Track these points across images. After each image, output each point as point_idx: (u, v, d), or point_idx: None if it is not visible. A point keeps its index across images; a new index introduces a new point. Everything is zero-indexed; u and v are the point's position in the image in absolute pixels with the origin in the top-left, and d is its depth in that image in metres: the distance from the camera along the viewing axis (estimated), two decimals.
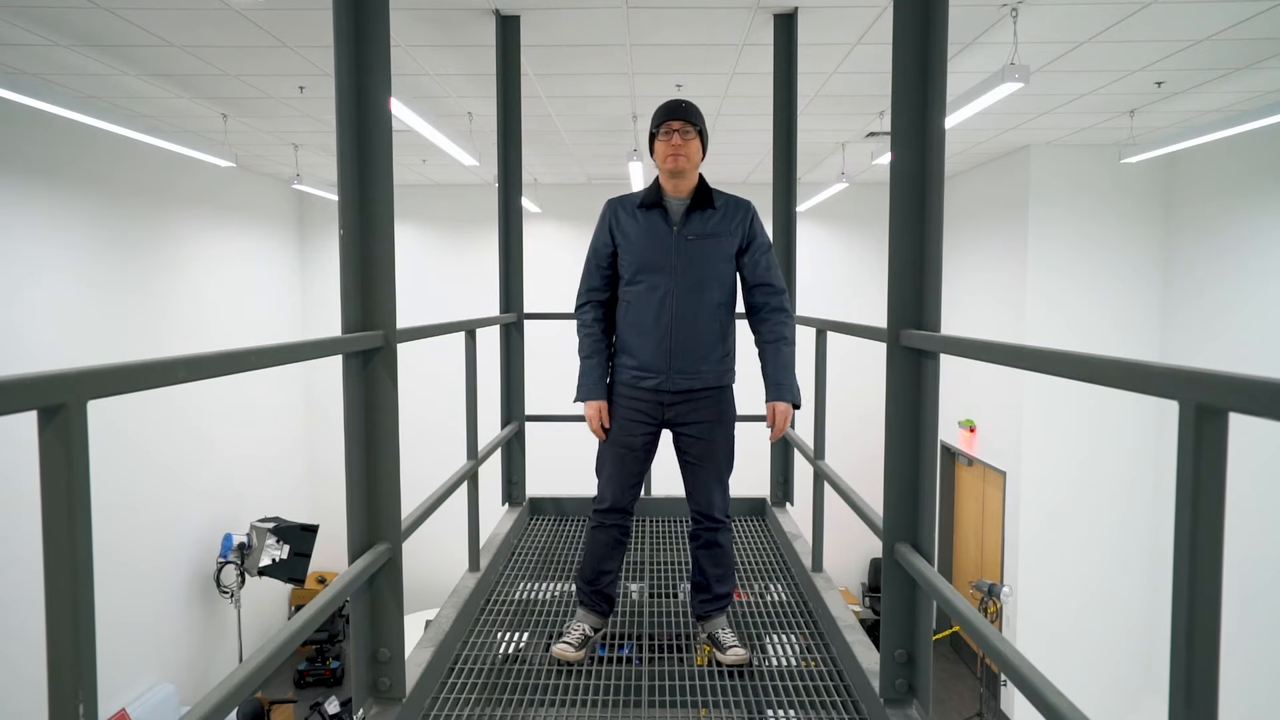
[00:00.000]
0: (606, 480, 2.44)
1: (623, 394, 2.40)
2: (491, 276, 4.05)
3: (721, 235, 2.33)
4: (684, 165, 2.29)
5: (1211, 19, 3.82)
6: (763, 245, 2.38)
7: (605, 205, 2.44)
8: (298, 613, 1.45)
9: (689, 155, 2.29)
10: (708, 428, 2.36)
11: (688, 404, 2.35)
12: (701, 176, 2.39)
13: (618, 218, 2.39)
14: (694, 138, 2.29)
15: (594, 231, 2.44)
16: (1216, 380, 0.79)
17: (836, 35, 4.12)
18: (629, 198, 2.42)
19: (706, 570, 2.44)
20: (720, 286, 2.33)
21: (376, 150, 1.81)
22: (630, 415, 2.38)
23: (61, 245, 5.63)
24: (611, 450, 2.41)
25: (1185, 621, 0.83)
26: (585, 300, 2.45)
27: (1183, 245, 6.61)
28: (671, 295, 2.30)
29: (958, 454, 8.50)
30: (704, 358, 2.33)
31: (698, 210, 2.34)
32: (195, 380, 1.09)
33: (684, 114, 2.29)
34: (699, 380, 2.33)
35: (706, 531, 2.42)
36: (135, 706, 6.18)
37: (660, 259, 2.31)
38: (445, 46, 4.30)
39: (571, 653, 2.37)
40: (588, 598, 2.49)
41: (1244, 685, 5.55)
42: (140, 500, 6.34)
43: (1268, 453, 5.42)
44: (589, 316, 2.43)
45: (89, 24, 3.85)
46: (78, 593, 0.84)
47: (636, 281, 2.34)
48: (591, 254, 2.44)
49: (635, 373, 2.36)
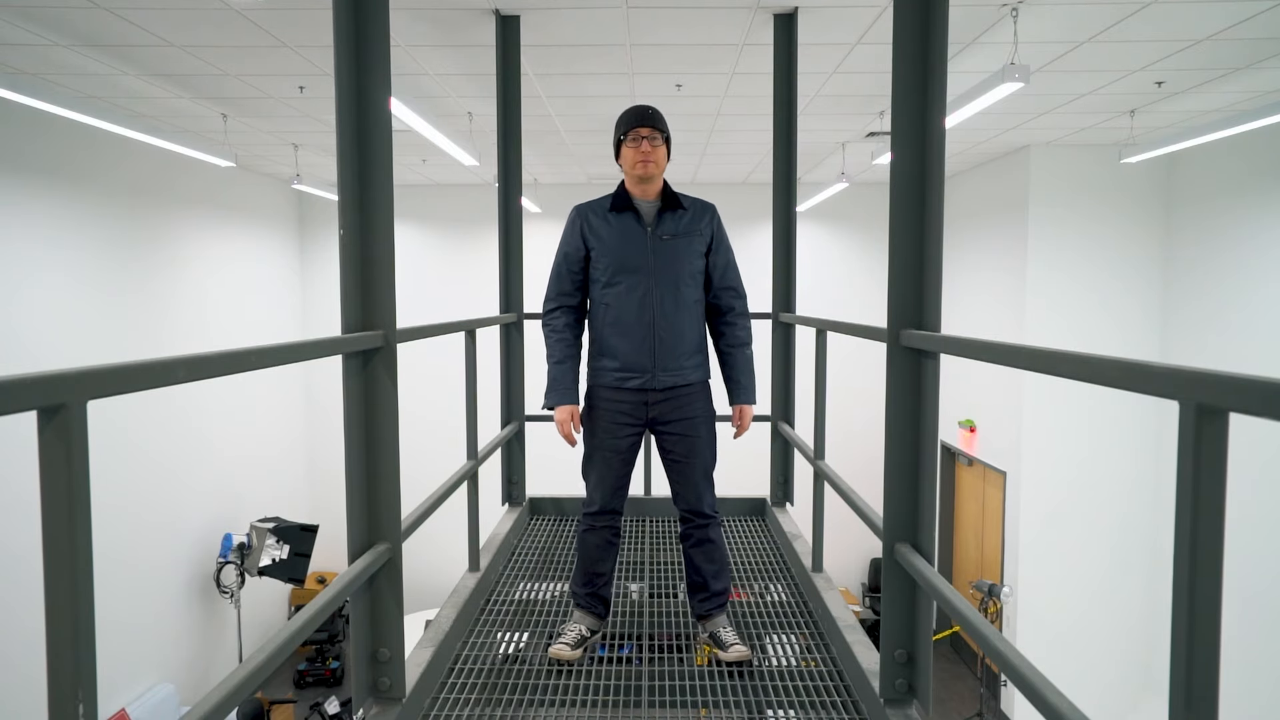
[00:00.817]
0: (595, 484, 2.46)
1: (605, 397, 2.42)
2: (491, 276, 4.05)
3: (693, 234, 2.41)
4: (653, 171, 2.36)
5: (1211, 19, 3.81)
6: (727, 247, 2.49)
7: (573, 211, 2.48)
8: (298, 613, 1.45)
9: (658, 161, 2.36)
10: (691, 424, 2.40)
11: (671, 401, 2.38)
12: (665, 180, 2.46)
13: (589, 222, 2.42)
14: (661, 144, 2.37)
15: (562, 237, 2.47)
16: (1216, 380, 0.79)
17: (836, 35, 4.12)
18: (597, 203, 2.46)
19: (702, 568, 2.45)
20: (695, 284, 2.42)
21: (376, 150, 1.81)
22: (614, 418, 2.40)
23: (61, 245, 5.63)
24: (598, 454, 2.44)
25: (1185, 622, 0.83)
26: (555, 305, 2.46)
27: (1183, 245, 6.61)
28: (651, 294, 2.35)
29: (958, 454, 8.50)
30: (685, 353, 2.39)
31: (669, 211, 2.41)
32: (195, 380, 1.09)
33: (651, 121, 2.35)
34: (682, 376, 2.38)
35: (697, 529, 2.43)
36: (135, 706, 6.18)
37: (637, 259, 2.36)
38: (445, 46, 4.30)
39: (568, 652, 2.38)
40: (583, 600, 2.50)
41: (1244, 686, 5.55)
42: (140, 500, 6.34)
43: (1268, 453, 5.42)
44: (559, 322, 2.45)
45: (89, 24, 3.85)
46: (78, 593, 0.84)
47: (615, 283, 2.38)
48: (562, 259, 2.46)
49: (619, 374, 2.38)
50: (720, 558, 2.46)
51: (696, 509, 2.43)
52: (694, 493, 2.42)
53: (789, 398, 3.72)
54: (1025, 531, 7.03)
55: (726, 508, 3.95)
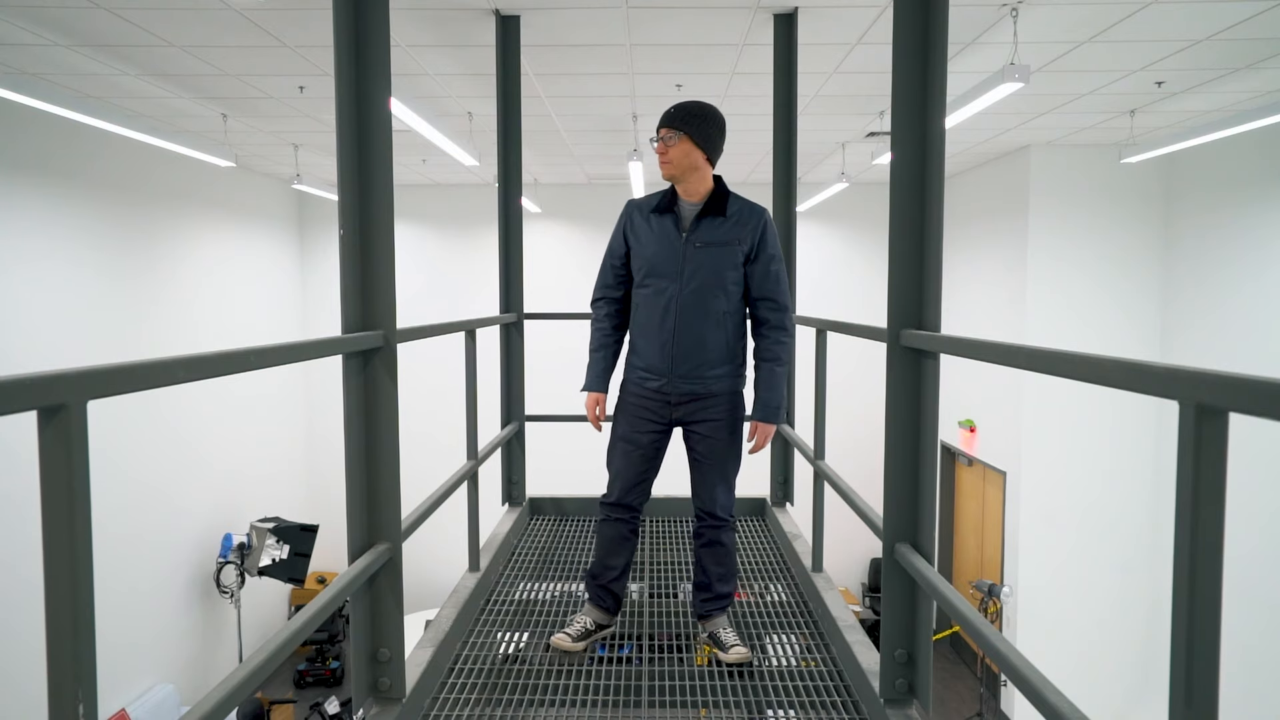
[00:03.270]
0: (615, 474, 2.47)
1: (632, 391, 2.43)
2: (491, 276, 4.05)
3: (730, 243, 2.29)
4: (671, 171, 2.30)
5: (1211, 19, 3.81)
6: (771, 256, 2.33)
7: (625, 205, 2.46)
8: (298, 613, 1.45)
9: (674, 160, 2.28)
10: (714, 427, 2.37)
11: (695, 404, 2.36)
12: (720, 180, 2.36)
13: (633, 220, 2.41)
14: (678, 141, 2.27)
15: (612, 230, 2.47)
16: (1216, 380, 0.79)
17: (836, 35, 4.12)
18: (648, 200, 2.41)
19: (709, 569, 2.44)
20: (726, 295, 2.31)
21: (376, 150, 1.81)
22: (637, 412, 2.41)
23: (61, 245, 5.62)
24: (620, 444, 2.45)
25: (1185, 621, 0.83)
26: (599, 296, 2.50)
27: (1182, 245, 6.61)
28: (675, 301, 2.30)
29: (958, 454, 8.50)
30: (708, 364, 2.33)
31: (708, 217, 2.31)
32: (195, 380, 1.09)
33: (669, 120, 2.29)
34: (702, 386, 2.34)
35: (710, 530, 2.43)
36: (135, 706, 6.18)
37: (667, 264, 2.31)
38: (445, 46, 4.30)
39: (568, 643, 2.38)
40: (594, 592, 2.50)
41: (1244, 685, 5.55)
42: (140, 500, 6.34)
43: (1268, 453, 5.42)
44: (600, 312, 2.48)
45: (89, 24, 3.85)
46: (78, 593, 0.84)
47: (645, 285, 2.37)
48: (607, 253, 2.48)
49: (642, 373, 2.39)
50: (729, 562, 2.46)
51: (709, 510, 2.42)
52: (709, 494, 2.42)
53: (789, 398, 3.72)
54: (1025, 531, 7.03)
55: None
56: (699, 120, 2.29)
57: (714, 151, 2.32)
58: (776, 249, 2.35)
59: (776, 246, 2.35)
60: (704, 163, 2.31)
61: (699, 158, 2.29)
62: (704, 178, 2.33)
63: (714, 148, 2.32)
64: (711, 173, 2.36)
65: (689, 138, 2.27)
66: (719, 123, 2.33)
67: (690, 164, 2.29)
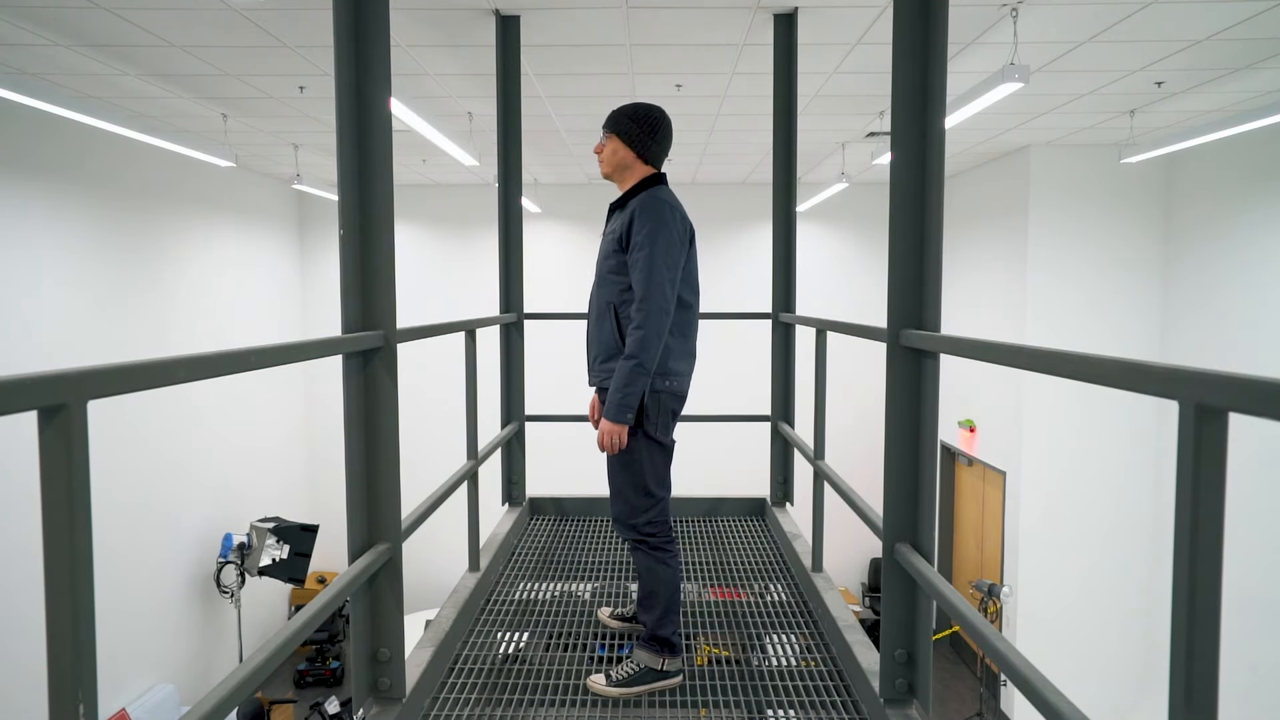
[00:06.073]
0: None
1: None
2: (491, 276, 4.05)
3: (611, 234, 2.30)
4: (604, 170, 2.38)
5: (1211, 19, 3.81)
6: (637, 244, 2.18)
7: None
8: (298, 613, 1.45)
9: (604, 159, 2.35)
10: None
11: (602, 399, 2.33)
12: (653, 178, 2.30)
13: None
14: (607, 140, 2.33)
15: None
16: (1216, 380, 0.79)
17: (836, 35, 4.12)
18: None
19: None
20: (610, 285, 2.28)
21: (376, 150, 1.81)
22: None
23: (61, 245, 5.62)
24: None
25: (1185, 621, 0.83)
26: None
27: (1182, 245, 6.61)
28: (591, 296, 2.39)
29: (958, 454, 8.50)
30: (599, 357, 2.32)
31: (616, 209, 2.36)
32: (195, 380, 1.09)
33: (605, 122, 2.36)
34: (599, 380, 2.32)
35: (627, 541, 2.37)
36: (135, 706, 6.18)
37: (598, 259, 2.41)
38: (445, 46, 4.30)
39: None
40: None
41: (1244, 685, 5.55)
42: (140, 500, 6.34)
43: (1268, 453, 5.42)
44: None
45: (89, 24, 3.85)
46: (78, 593, 0.84)
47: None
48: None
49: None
50: (647, 585, 2.29)
51: (616, 518, 2.34)
52: (613, 501, 2.34)
53: (789, 398, 3.72)
54: (1025, 531, 7.03)
55: (726, 508, 3.95)
56: (626, 120, 2.31)
57: (644, 149, 2.30)
58: (644, 235, 2.17)
59: (646, 233, 2.17)
60: (634, 161, 2.31)
61: (628, 156, 2.31)
62: (635, 175, 2.32)
63: (643, 146, 2.29)
64: (646, 171, 2.32)
65: (616, 136, 2.31)
66: (648, 122, 2.29)
67: (619, 162, 2.32)
